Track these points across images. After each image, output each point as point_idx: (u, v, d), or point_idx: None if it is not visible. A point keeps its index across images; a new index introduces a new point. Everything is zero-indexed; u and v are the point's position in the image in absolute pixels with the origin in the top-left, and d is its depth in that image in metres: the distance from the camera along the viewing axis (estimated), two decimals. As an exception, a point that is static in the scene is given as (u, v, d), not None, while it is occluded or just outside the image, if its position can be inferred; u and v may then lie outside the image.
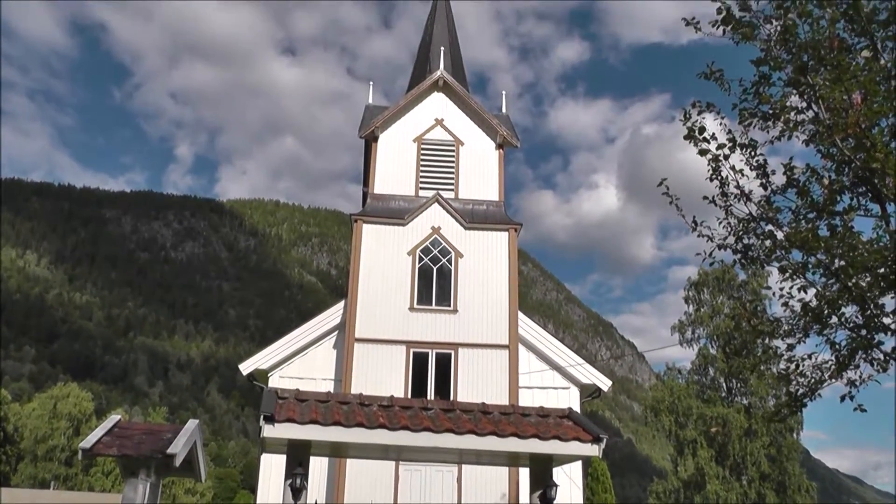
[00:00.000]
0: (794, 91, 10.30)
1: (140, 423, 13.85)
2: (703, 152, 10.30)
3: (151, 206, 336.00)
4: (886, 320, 9.72)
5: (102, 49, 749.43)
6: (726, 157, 10.29)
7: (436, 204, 22.56)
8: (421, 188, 23.08)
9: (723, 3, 10.60)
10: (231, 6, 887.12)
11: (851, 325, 10.08)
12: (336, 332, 23.24)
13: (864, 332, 9.94)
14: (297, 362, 22.96)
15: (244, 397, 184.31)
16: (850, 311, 10.07)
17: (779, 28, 10.25)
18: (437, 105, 24.19)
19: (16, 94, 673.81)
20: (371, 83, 25.85)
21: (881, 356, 9.94)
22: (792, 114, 10.35)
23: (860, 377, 10.36)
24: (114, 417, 12.53)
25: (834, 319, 10.19)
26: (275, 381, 22.22)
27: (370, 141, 23.78)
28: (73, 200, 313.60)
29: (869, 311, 9.75)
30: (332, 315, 23.51)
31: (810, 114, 10.21)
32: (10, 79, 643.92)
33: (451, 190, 23.10)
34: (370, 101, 25.44)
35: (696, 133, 10.27)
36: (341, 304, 23.47)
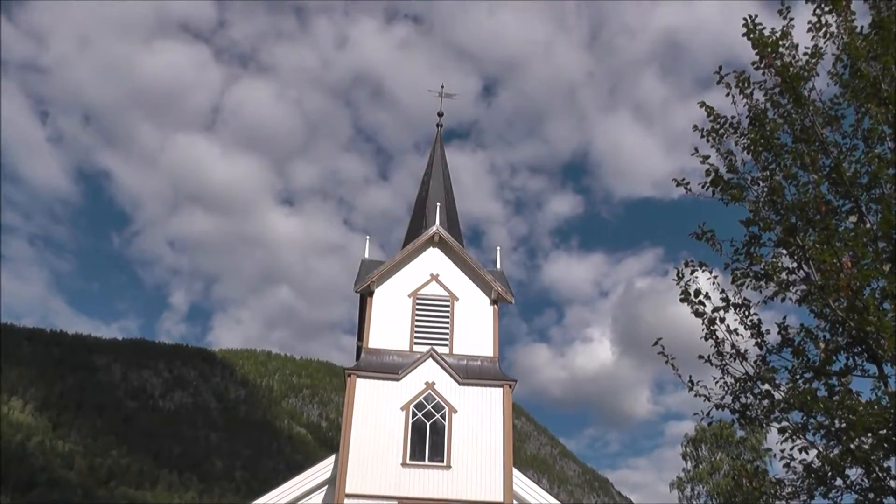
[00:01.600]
0: (785, 251, 10.48)
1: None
2: (698, 314, 10.38)
3: (142, 353, 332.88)
4: (893, 483, 9.50)
5: (105, 196, 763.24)
6: (721, 320, 10.37)
7: (430, 359, 22.51)
8: (415, 343, 23.10)
9: (711, 166, 10.94)
10: (233, 156, 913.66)
11: (857, 487, 9.84)
12: (326, 487, 22.61)
13: (871, 495, 9.70)
14: (285, 518, 22.21)
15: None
16: (854, 473, 9.86)
17: (766, 189, 10.54)
18: (432, 260, 24.51)
19: (16, 238, 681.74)
20: (367, 237, 26.28)
21: (892, 521, 9.65)
22: (783, 274, 10.49)
23: (872, 543, 10.03)
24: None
25: (839, 481, 9.97)
26: (260, 538, 21.41)
27: (366, 295, 23.94)
28: (64, 347, 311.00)
29: (875, 474, 9.54)
30: (322, 469, 22.95)
31: (801, 274, 10.34)
32: (12, 224, 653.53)
33: (446, 345, 23.10)
34: (366, 255, 25.77)
35: (692, 296, 10.38)
36: (332, 458, 22.95)
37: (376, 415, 21.65)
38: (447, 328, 23.47)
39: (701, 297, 10.39)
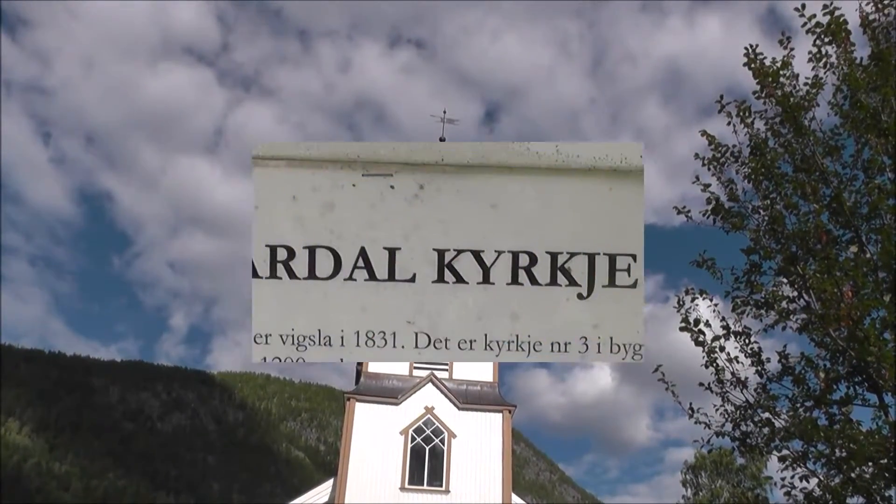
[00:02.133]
0: (785, 280, 10.49)
1: None
2: (698, 343, 10.39)
3: (141, 376, 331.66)
4: (895, 514, 9.46)
5: (107, 218, 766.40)
6: (722, 349, 10.37)
7: (430, 384, 22.48)
8: (415, 367, 23.06)
9: (712, 194, 10.98)
10: (234, 179, 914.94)
11: (860, 518, 9.80)
12: (323, 513, 22.51)
13: (874, 526, 9.65)
14: (282, 543, 22.12)
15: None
16: (855, 502, 9.82)
17: (767, 218, 10.56)
18: (433, 283, 24.54)
19: (17, 259, 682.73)
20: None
21: (895, 552, 9.59)
22: (784, 303, 10.49)
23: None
24: None
25: (840, 510, 9.92)
26: (257, 565, 21.30)
27: (366, 317, 23.96)
28: (63, 368, 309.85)
29: None
30: (320, 493, 22.87)
31: (802, 303, 10.34)
32: (13, 244, 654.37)
33: (446, 370, 23.07)
34: (367, 277, 25.79)
35: (692, 325, 10.39)
36: (330, 483, 22.88)
37: (375, 439, 21.59)
38: (447, 353, 23.49)
39: (701, 327, 10.39)
